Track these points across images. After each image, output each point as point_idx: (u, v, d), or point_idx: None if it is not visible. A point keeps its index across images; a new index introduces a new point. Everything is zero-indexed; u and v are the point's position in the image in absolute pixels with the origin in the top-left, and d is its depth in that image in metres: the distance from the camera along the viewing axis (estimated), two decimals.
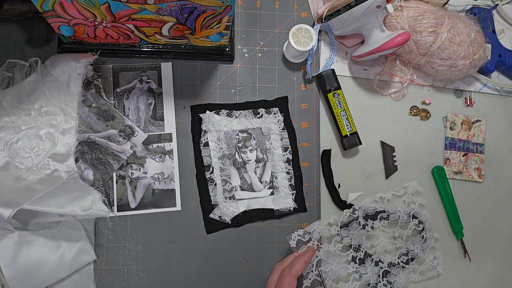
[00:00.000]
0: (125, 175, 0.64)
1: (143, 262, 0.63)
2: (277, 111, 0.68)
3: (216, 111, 0.67)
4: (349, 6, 0.63)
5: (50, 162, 0.61)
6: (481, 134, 0.73)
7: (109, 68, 0.67)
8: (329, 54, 0.72)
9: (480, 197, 0.72)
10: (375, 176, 0.70)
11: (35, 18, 0.67)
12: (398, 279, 0.66)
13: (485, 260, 0.71)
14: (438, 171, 0.71)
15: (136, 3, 0.52)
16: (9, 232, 0.57)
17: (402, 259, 0.67)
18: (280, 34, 0.72)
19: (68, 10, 0.54)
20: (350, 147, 0.68)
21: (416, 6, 0.68)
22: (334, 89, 0.69)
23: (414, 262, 0.67)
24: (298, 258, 0.59)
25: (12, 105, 0.61)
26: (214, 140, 0.66)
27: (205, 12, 0.55)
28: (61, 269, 0.58)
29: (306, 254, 0.60)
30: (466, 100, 0.74)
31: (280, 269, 0.59)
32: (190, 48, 0.67)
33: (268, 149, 0.67)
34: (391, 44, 0.62)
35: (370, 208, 0.67)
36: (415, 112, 0.73)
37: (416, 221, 0.68)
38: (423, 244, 0.67)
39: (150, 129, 0.66)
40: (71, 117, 0.62)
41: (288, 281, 0.56)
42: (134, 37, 0.63)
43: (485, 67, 0.72)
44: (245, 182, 0.66)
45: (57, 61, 0.63)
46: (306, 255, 0.60)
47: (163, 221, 0.64)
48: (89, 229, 0.61)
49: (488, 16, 0.74)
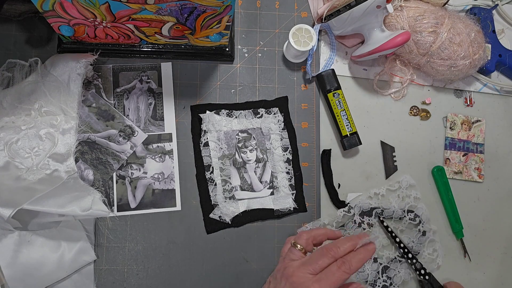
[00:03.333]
0: (125, 175, 0.64)
1: (143, 262, 0.63)
2: (277, 111, 0.68)
3: (216, 111, 0.67)
4: (349, 6, 0.63)
5: (50, 162, 0.61)
6: (481, 134, 0.73)
7: (109, 68, 0.67)
8: (329, 54, 0.72)
9: (480, 197, 0.72)
10: (375, 176, 0.70)
11: (35, 18, 0.67)
12: (397, 273, 0.66)
13: (485, 260, 0.71)
14: (438, 171, 0.71)
15: (136, 3, 0.52)
16: (9, 232, 0.57)
17: (398, 253, 0.67)
18: (280, 34, 0.72)
19: (68, 10, 0.54)
20: (350, 147, 0.68)
21: (416, 6, 0.68)
22: (334, 89, 0.69)
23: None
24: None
25: (12, 105, 0.61)
26: (214, 140, 0.66)
27: (205, 12, 0.55)
28: (61, 269, 0.58)
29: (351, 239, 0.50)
30: (466, 100, 0.74)
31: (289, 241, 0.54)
32: (190, 48, 0.67)
33: (268, 149, 0.67)
34: (391, 44, 0.62)
35: (365, 204, 0.67)
36: (415, 112, 0.73)
37: (411, 214, 0.68)
38: (421, 237, 0.67)
39: (150, 129, 0.66)
40: (71, 117, 0.62)
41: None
42: (134, 37, 0.63)
43: (485, 67, 0.72)
44: (245, 182, 0.66)
45: (57, 61, 0.63)
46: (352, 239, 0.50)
47: (163, 221, 0.64)
48: (89, 229, 0.61)
49: (488, 16, 0.74)
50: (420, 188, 0.70)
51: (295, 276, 0.47)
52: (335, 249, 0.48)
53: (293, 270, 0.48)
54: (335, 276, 0.46)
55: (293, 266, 0.48)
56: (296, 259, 0.50)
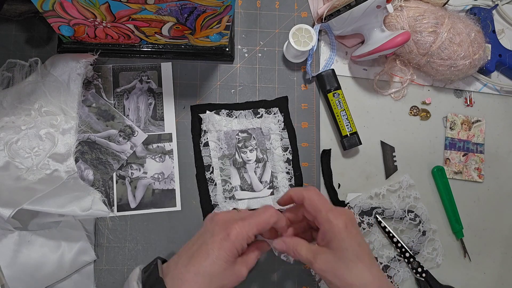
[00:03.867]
0: (125, 175, 0.64)
1: (143, 262, 0.63)
2: (277, 111, 0.68)
3: (216, 111, 0.67)
4: (349, 6, 0.63)
5: (50, 162, 0.61)
6: (481, 134, 0.73)
7: (109, 68, 0.67)
8: (329, 54, 0.72)
9: (480, 197, 0.72)
10: (375, 176, 0.70)
11: (35, 18, 0.67)
12: (397, 272, 0.66)
13: (485, 260, 0.71)
14: (438, 171, 0.71)
15: (136, 3, 0.52)
16: (9, 232, 0.57)
17: (397, 252, 0.67)
18: (280, 34, 0.72)
19: (68, 10, 0.54)
20: (350, 147, 0.68)
21: (416, 6, 0.68)
22: (334, 89, 0.69)
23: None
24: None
25: (12, 105, 0.61)
26: (214, 140, 0.66)
27: (205, 12, 0.55)
28: (61, 269, 0.58)
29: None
30: (466, 100, 0.74)
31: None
32: (190, 48, 0.67)
33: (268, 149, 0.67)
34: (391, 44, 0.62)
35: (365, 204, 0.67)
36: (415, 112, 0.73)
37: (412, 214, 0.68)
38: (421, 237, 0.67)
39: (150, 129, 0.66)
40: (71, 117, 0.62)
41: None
42: (134, 37, 0.63)
43: (485, 67, 0.72)
44: (245, 182, 0.66)
45: (57, 61, 0.63)
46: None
47: (163, 221, 0.64)
48: (89, 229, 0.61)
49: (488, 16, 0.74)
50: (420, 188, 0.70)
51: (220, 220, 0.49)
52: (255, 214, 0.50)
53: (222, 215, 0.50)
54: (260, 216, 0.48)
55: (223, 212, 0.51)
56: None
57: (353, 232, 0.46)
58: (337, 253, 0.46)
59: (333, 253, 0.46)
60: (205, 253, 0.47)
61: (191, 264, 0.47)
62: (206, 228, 0.50)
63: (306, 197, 0.50)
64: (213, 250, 0.46)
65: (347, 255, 0.45)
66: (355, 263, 0.45)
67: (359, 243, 0.46)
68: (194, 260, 0.47)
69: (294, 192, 0.52)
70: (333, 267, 0.45)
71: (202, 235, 0.50)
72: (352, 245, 0.45)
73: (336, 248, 0.46)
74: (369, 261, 0.45)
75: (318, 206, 0.48)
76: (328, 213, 0.47)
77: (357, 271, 0.44)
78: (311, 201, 0.49)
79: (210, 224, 0.50)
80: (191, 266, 0.46)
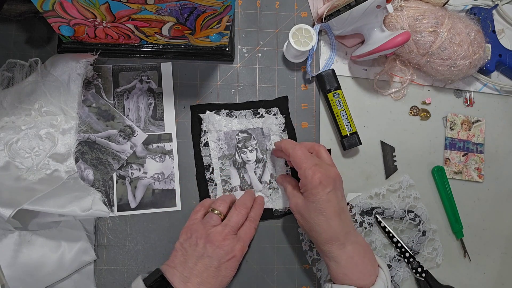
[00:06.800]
0: (125, 175, 0.64)
1: (143, 262, 0.63)
2: (277, 111, 0.68)
3: (216, 111, 0.67)
4: (349, 6, 0.63)
5: (50, 162, 0.61)
6: (481, 134, 0.73)
7: (109, 68, 0.67)
8: (329, 54, 0.72)
9: (480, 197, 0.72)
10: (375, 176, 0.70)
11: (35, 18, 0.67)
12: (397, 272, 0.66)
13: (485, 260, 0.71)
14: (438, 171, 0.71)
15: (136, 3, 0.52)
16: (9, 232, 0.57)
17: (397, 252, 0.67)
18: (280, 34, 0.72)
19: (68, 10, 0.54)
20: (350, 147, 0.68)
21: (416, 6, 0.68)
22: (334, 89, 0.69)
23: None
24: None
25: (12, 105, 0.61)
26: (214, 140, 0.66)
27: (205, 12, 0.55)
28: (61, 269, 0.58)
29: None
30: (466, 100, 0.74)
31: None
32: (190, 48, 0.67)
33: (268, 150, 0.67)
34: (391, 44, 0.62)
35: (366, 204, 0.67)
36: (415, 112, 0.73)
37: (412, 214, 0.68)
38: (420, 237, 0.67)
39: (150, 129, 0.66)
40: (71, 117, 0.63)
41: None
42: (134, 37, 0.63)
43: (485, 67, 0.72)
44: (245, 182, 0.66)
45: (57, 61, 0.63)
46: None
47: (163, 221, 0.64)
48: (89, 229, 0.61)
49: (488, 16, 0.74)
50: (420, 188, 0.70)
51: (225, 245, 0.55)
52: (244, 207, 0.60)
53: (220, 237, 0.56)
54: (250, 232, 0.59)
55: (217, 232, 0.56)
56: (217, 224, 0.58)
57: (326, 190, 0.53)
58: (307, 203, 0.55)
59: (304, 201, 0.55)
60: (218, 277, 0.55)
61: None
62: (207, 252, 0.55)
63: (291, 154, 0.57)
64: (226, 277, 0.56)
65: (313, 206, 0.54)
66: (317, 215, 0.54)
67: (328, 200, 0.53)
68: (207, 284, 0.54)
69: (285, 146, 0.59)
70: (300, 211, 0.56)
71: (209, 258, 0.55)
72: (320, 200, 0.53)
73: (307, 198, 0.55)
74: (332, 214, 0.53)
75: (300, 163, 0.55)
76: (306, 170, 0.54)
77: (318, 221, 0.54)
78: (294, 158, 0.56)
79: (210, 248, 0.55)
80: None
